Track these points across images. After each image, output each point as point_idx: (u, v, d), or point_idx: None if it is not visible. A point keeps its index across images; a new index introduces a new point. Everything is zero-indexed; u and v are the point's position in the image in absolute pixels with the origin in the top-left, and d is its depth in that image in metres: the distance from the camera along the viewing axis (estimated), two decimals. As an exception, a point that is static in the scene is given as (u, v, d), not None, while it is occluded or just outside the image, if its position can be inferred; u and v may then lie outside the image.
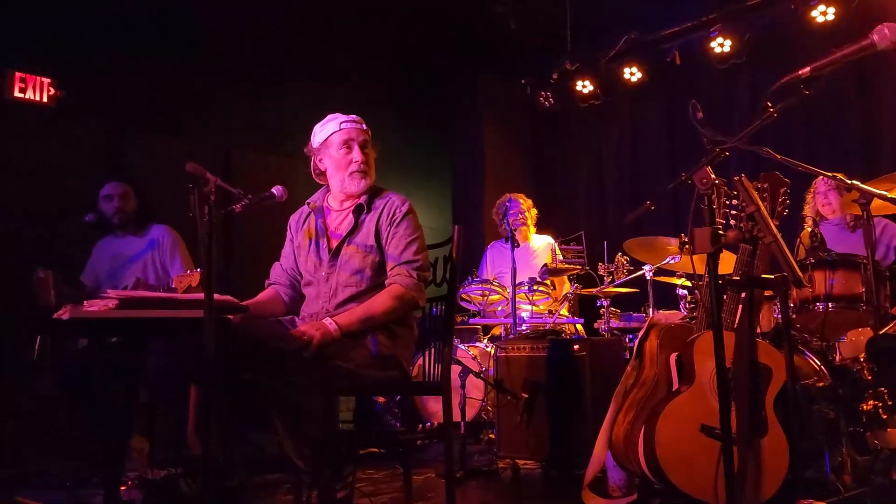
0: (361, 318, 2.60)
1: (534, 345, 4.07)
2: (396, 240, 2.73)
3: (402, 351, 2.75)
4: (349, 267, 2.74)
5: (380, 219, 2.78)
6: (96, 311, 2.16)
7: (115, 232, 3.93)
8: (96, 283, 3.89)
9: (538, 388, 3.96)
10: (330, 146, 2.82)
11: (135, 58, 5.24)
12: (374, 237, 2.75)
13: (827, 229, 4.34)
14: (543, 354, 4.00)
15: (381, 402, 4.89)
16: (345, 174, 2.80)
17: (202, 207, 2.19)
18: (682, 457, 2.60)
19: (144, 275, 3.83)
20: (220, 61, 5.70)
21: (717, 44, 5.82)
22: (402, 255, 2.71)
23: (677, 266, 4.39)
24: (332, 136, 2.83)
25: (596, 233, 5.95)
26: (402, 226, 2.75)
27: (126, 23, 5.19)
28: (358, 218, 2.80)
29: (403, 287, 2.66)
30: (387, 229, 2.76)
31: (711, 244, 1.98)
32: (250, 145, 5.80)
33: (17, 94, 4.79)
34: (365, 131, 2.87)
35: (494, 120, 7.43)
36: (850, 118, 5.55)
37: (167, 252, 3.88)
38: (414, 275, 2.69)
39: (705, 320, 2.86)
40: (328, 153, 2.83)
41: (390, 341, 2.68)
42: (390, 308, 2.64)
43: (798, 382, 3.02)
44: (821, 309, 3.47)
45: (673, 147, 6.50)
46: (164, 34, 5.40)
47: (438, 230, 7.00)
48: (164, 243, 3.89)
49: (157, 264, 3.87)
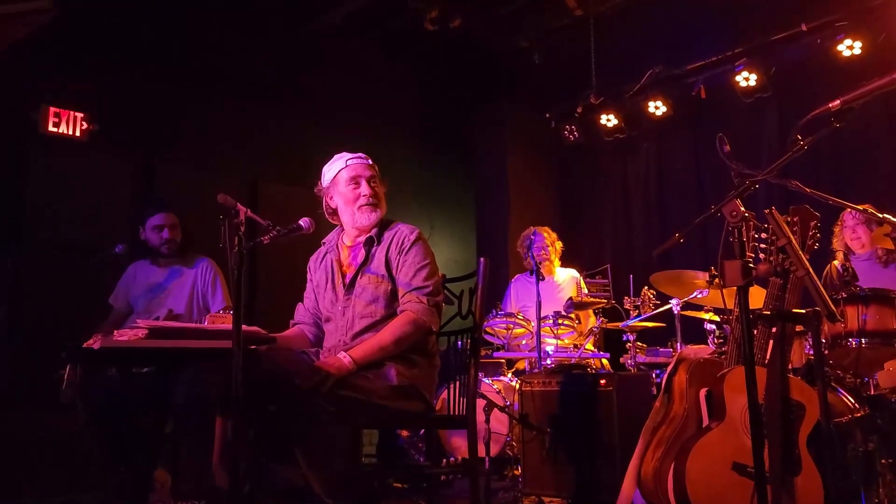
0: (374, 349, 2.62)
1: (559, 379, 4.03)
2: (406, 267, 2.77)
3: (424, 381, 2.75)
4: (364, 298, 2.79)
5: (389, 249, 2.83)
6: (126, 340, 2.18)
7: (157, 260, 3.93)
8: (127, 307, 3.90)
9: (564, 423, 3.91)
10: (338, 183, 2.90)
11: (164, 91, 5.35)
12: (385, 267, 2.80)
13: (857, 264, 4.27)
14: (569, 389, 3.95)
15: (404, 436, 4.85)
16: (354, 208, 2.86)
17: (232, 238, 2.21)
18: (713, 495, 2.54)
19: (179, 307, 3.83)
20: (247, 94, 5.80)
21: (742, 78, 5.81)
22: (413, 282, 2.74)
23: (705, 300, 4.33)
24: (339, 173, 2.90)
25: (622, 266, 5.90)
26: (411, 253, 2.80)
27: (156, 57, 5.32)
28: (369, 250, 2.85)
29: (414, 313, 2.69)
30: (396, 258, 2.80)
31: (742, 277, 1.96)
32: (276, 177, 5.87)
33: (51, 128, 4.89)
34: (371, 166, 2.94)
35: (519, 152, 7.45)
36: (880, 151, 5.50)
37: (209, 285, 3.89)
38: (424, 300, 2.71)
39: (735, 355, 2.81)
40: (337, 190, 2.90)
41: (409, 371, 2.69)
42: (403, 335, 2.66)
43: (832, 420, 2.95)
44: (854, 345, 3.40)
45: (699, 180, 6.46)
46: (193, 68, 5.51)
47: (463, 263, 7.01)
48: (206, 276, 3.90)
49: (198, 296, 3.88)
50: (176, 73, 5.42)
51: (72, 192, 4.87)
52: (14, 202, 4.75)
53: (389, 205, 2.99)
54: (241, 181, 5.74)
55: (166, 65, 5.37)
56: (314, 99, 6.18)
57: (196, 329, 2.49)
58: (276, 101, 5.98)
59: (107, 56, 5.09)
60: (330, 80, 6.26)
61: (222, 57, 5.66)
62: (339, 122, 6.21)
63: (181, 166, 5.45)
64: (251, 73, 5.83)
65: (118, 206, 5.10)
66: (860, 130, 5.39)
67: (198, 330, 2.45)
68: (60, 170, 4.90)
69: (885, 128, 5.47)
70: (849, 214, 4.35)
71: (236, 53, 5.72)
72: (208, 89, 5.58)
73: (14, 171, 4.79)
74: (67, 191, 4.86)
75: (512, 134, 7.45)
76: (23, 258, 4.65)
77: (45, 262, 4.66)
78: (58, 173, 4.88)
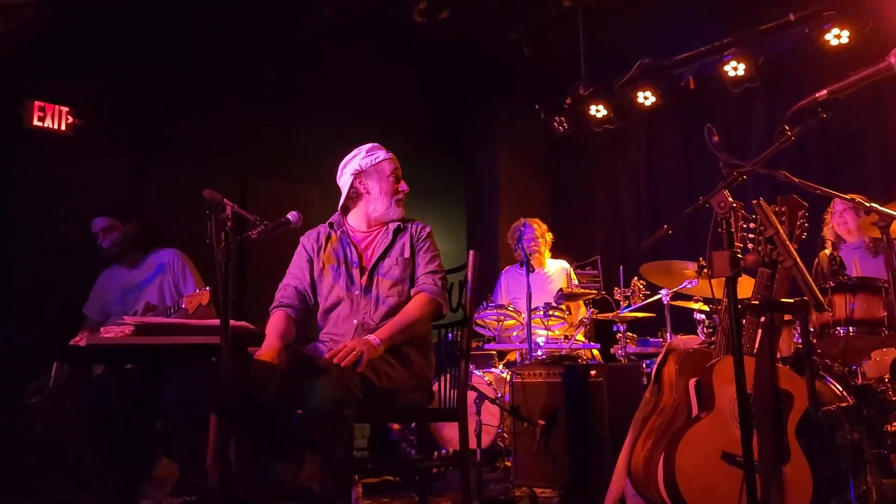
0: (402, 327, 2.76)
1: (550, 370, 4.04)
2: (422, 254, 2.98)
3: (429, 373, 2.90)
4: (389, 278, 2.92)
5: (412, 237, 3.01)
6: (112, 337, 2.17)
7: (123, 262, 3.92)
8: (104, 314, 3.87)
9: (555, 414, 3.92)
10: (381, 172, 3.05)
11: (152, 87, 5.30)
12: (410, 251, 2.98)
13: (847, 253, 4.29)
14: (560, 380, 3.96)
15: (395, 429, 4.86)
16: (392, 200, 3.04)
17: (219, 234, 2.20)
18: (703, 485, 2.56)
19: (154, 299, 3.82)
20: (236, 90, 5.76)
21: (730, 67, 5.81)
22: (428, 266, 2.94)
23: (694, 290, 4.35)
24: (383, 163, 3.07)
25: (612, 257, 5.92)
26: (427, 243, 3.02)
27: (143, 52, 5.27)
28: (395, 237, 3.01)
29: (430, 294, 2.86)
30: (418, 245, 3.00)
31: (730, 268, 1.96)
32: (265, 173, 5.84)
33: (36, 122, 4.85)
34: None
35: (509, 145, 7.44)
36: (868, 141, 5.51)
37: (179, 274, 3.88)
38: (438, 283, 2.90)
39: (724, 345, 2.82)
40: (377, 178, 3.04)
41: (424, 362, 2.85)
42: (425, 314, 2.85)
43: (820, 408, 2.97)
44: (842, 333, 3.42)
45: (689, 171, 6.47)
46: (181, 63, 5.47)
47: (453, 255, 6.99)
48: (174, 266, 3.89)
49: (170, 287, 3.86)
50: (164, 69, 5.37)
51: (58, 188, 4.82)
52: (0, 197, 4.71)
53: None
54: (231, 177, 5.70)
55: (154, 61, 5.32)
56: (304, 95, 6.14)
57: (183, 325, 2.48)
58: (266, 98, 5.93)
59: (93, 51, 5.03)
60: (319, 77, 6.21)
61: (212, 54, 5.60)
62: (328, 118, 6.17)
63: (169, 162, 5.40)
64: (241, 69, 5.78)
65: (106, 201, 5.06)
66: (848, 120, 5.40)
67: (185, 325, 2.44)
68: (46, 165, 4.85)
69: (874, 117, 5.49)
70: (839, 201, 4.36)
71: (226, 50, 5.67)
72: (198, 86, 5.54)
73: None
74: (54, 186, 4.82)
75: (502, 127, 7.44)
76: (9, 254, 4.61)
77: (32, 258, 4.62)
78: (44, 168, 4.84)
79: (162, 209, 5.11)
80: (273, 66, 5.94)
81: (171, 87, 5.40)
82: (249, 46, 5.77)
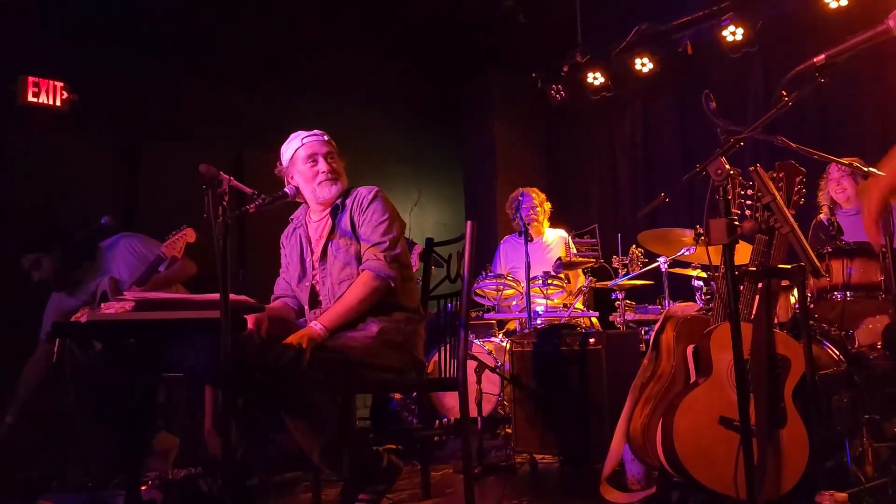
0: (342, 312, 2.68)
1: (549, 339, 4.06)
2: (365, 226, 2.84)
3: (407, 336, 2.81)
4: (338, 263, 2.85)
5: (352, 211, 2.88)
6: (113, 313, 2.18)
7: (63, 289, 3.79)
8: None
9: (554, 382, 3.95)
10: (297, 162, 2.94)
11: (146, 61, 5.26)
12: (351, 229, 2.86)
13: (844, 218, 4.29)
14: (559, 348, 3.99)
15: (397, 398, 4.90)
16: (314, 185, 2.91)
17: (216, 209, 2.20)
18: (700, 449, 2.59)
19: (116, 271, 3.71)
20: (230, 63, 5.72)
21: (729, 32, 5.76)
22: (371, 238, 2.81)
23: (692, 257, 4.36)
24: (296, 152, 2.94)
25: (610, 225, 5.92)
26: (369, 211, 2.85)
27: (137, 26, 5.22)
28: (335, 218, 2.91)
29: (374, 271, 2.74)
30: (358, 218, 2.86)
31: (727, 235, 1.97)
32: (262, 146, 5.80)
33: (30, 98, 4.82)
34: (328, 142, 2.96)
35: (505, 114, 7.41)
36: (866, 105, 5.49)
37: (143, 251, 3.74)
38: (381, 256, 2.76)
39: (722, 312, 2.84)
40: (296, 169, 2.94)
41: (391, 325, 2.75)
42: (365, 294, 2.71)
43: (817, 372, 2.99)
44: (839, 298, 3.43)
45: (686, 138, 6.45)
46: (174, 37, 5.42)
47: (451, 226, 7.01)
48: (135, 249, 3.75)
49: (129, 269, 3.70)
50: (157, 43, 5.32)
51: (54, 164, 4.81)
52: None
53: (377, 171, 3.01)
54: (227, 151, 5.68)
55: (147, 35, 5.27)
56: (298, 70, 6.10)
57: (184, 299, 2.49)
58: (261, 73, 5.90)
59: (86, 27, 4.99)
60: (314, 51, 6.16)
61: (205, 29, 5.55)
62: (323, 92, 6.14)
63: (165, 138, 5.38)
64: (235, 44, 5.73)
65: (102, 178, 5.05)
66: (846, 85, 5.37)
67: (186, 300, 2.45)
68: (41, 141, 4.83)
69: (872, 81, 5.45)
70: (834, 167, 4.35)
71: (219, 25, 5.62)
72: (192, 60, 5.49)
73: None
74: (49, 163, 4.80)
75: (497, 96, 7.40)
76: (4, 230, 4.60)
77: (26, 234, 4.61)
78: (39, 145, 4.82)
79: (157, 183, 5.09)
80: (269, 39, 5.89)
81: (164, 60, 5.36)
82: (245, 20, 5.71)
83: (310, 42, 6.12)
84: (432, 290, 3.16)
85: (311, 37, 6.12)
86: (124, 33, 5.16)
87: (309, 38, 6.11)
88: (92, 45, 5.01)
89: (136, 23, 5.22)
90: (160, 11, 5.30)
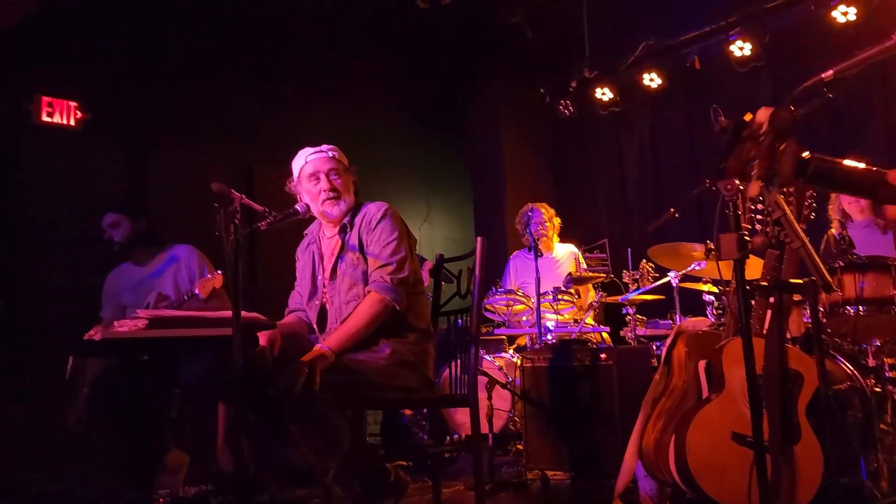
0: (347, 336, 2.65)
1: (560, 354, 4.05)
2: (372, 245, 2.81)
3: (419, 356, 2.80)
4: (346, 283, 2.83)
5: (360, 230, 2.86)
6: (126, 331, 2.20)
7: (132, 259, 3.97)
8: (119, 311, 3.91)
9: (566, 397, 3.94)
10: (302, 181, 2.93)
11: (156, 76, 5.31)
12: (359, 248, 2.84)
13: (855, 232, 4.27)
14: (570, 364, 3.98)
15: (407, 414, 4.89)
16: (318, 203, 2.89)
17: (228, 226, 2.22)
18: (713, 465, 2.57)
19: (167, 290, 3.86)
20: (239, 77, 5.76)
21: (736, 47, 5.77)
22: (378, 259, 2.78)
23: (703, 272, 4.34)
24: (301, 170, 2.94)
25: (619, 240, 5.91)
26: (377, 230, 2.82)
27: (146, 42, 5.27)
28: (343, 238, 2.90)
29: (379, 293, 2.72)
30: (366, 237, 2.84)
31: (738, 250, 1.96)
32: (271, 160, 5.85)
33: (45, 118, 4.87)
34: (331, 159, 2.92)
35: (514, 129, 7.43)
36: (875, 118, 5.47)
37: (194, 263, 3.90)
38: (387, 279, 2.74)
39: (733, 327, 2.83)
40: (303, 187, 2.94)
41: (403, 346, 2.74)
42: (370, 317, 2.69)
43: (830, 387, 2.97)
44: (851, 312, 3.41)
45: (695, 152, 6.45)
46: (184, 52, 5.47)
47: (461, 241, 7.01)
48: (189, 260, 3.91)
49: (184, 279, 3.89)
50: (167, 59, 5.37)
51: (67, 182, 4.85)
52: (10, 193, 4.74)
53: (387, 186, 3.01)
54: (237, 165, 5.72)
55: (157, 51, 5.32)
56: (307, 82, 6.15)
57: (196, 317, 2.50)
58: (270, 85, 5.94)
59: (97, 44, 5.04)
60: (322, 63, 6.22)
61: (214, 41, 5.61)
62: (332, 103, 6.18)
63: (175, 152, 5.42)
64: (243, 56, 5.78)
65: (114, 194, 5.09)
66: (855, 97, 5.36)
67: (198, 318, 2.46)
68: (56, 160, 4.88)
69: (881, 92, 5.44)
70: (846, 179, 4.32)
71: (228, 37, 5.67)
72: (200, 74, 5.54)
73: (9, 162, 4.77)
74: (63, 180, 4.85)
75: (506, 111, 7.42)
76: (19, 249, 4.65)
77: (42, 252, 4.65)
78: (53, 163, 4.87)
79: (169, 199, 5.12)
80: (277, 52, 5.94)
81: (174, 75, 5.41)
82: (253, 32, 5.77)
83: (318, 55, 6.18)
84: (443, 305, 3.17)
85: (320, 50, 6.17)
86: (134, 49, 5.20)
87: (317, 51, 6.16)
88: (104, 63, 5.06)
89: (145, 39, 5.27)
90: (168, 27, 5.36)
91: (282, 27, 5.90)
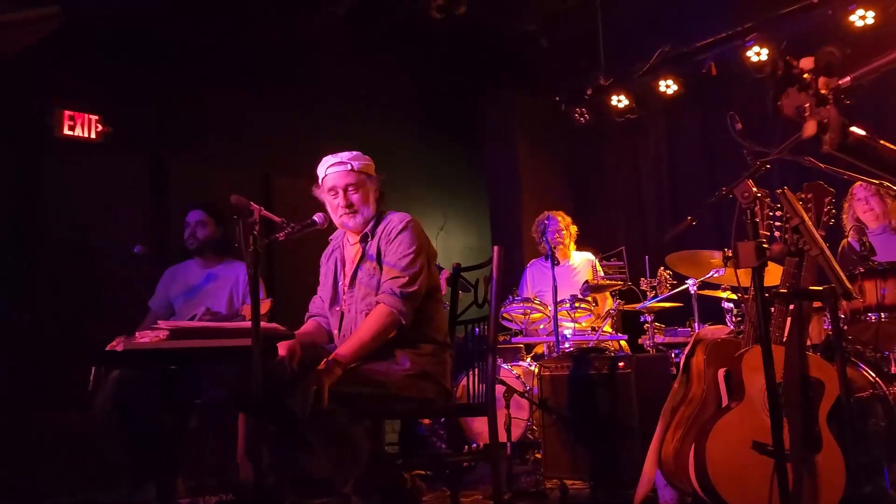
0: (355, 348, 2.66)
1: (578, 362, 4.04)
2: (388, 257, 2.83)
3: (436, 367, 2.81)
4: (362, 292, 2.86)
5: (380, 240, 2.88)
6: (148, 342, 2.22)
7: (195, 257, 4.08)
8: (167, 308, 4.01)
9: (584, 406, 3.92)
10: (323, 191, 2.97)
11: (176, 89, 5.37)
12: (377, 259, 2.85)
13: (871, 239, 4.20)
14: (588, 372, 3.96)
15: (425, 423, 4.89)
16: (337, 217, 2.92)
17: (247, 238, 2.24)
18: (734, 474, 2.55)
19: (218, 306, 3.91)
20: (257, 89, 5.82)
21: (753, 53, 5.74)
22: (392, 270, 2.79)
23: (721, 279, 4.32)
24: (322, 181, 2.97)
25: (637, 247, 5.89)
26: (396, 242, 2.84)
27: (166, 55, 5.33)
28: (364, 247, 2.92)
29: (388, 306, 2.72)
30: (385, 247, 2.85)
31: (756, 258, 1.96)
32: (289, 170, 5.90)
33: (66, 131, 4.93)
34: (349, 173, 2.91)
35: (529, 137, 7.42)
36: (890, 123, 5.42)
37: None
38: (397, 292, 2.73)
39: (753, 334, 2.81)
40: (324, 198, 2.98)
41: (421, 358, 2.76)
42: (377, 330, 2.70)
43: (852, 395, 2.94)
44: (873, 319, 3.38)
45: (712, 159, 6.41)
46: (203, 65, 5.53)
47: (478, 249, 7.02)
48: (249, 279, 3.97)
49: (239, 297, 3.97)
50: (186, 70, 5.43)
51: (88, 195, 4.90)
52: (32, 207, 4.80)
53: (403, 196, 3.03)
54: (256, 177, 5.77)
55: (177, 64, 5.39)
56: (324, 92, 6.19)
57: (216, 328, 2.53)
58: (287, 95, 5.99)
59: (117, 57, 5.11)
60: (338, 73, 6.26)
61: (231, 52, 5.66)
62: (348, 114, 6.22)
63: (195, 163, 5.47)
64: (261, 68, 5.83)
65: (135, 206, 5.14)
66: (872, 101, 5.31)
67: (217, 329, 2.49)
68: (77, 173, 4.93)
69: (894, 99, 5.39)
70: (859, 187, 4.27)
71: (245, 48, 5.73)
72: (219, 87, 5.60)
73: (31, 175, 4.83)
74: (84, 193, 4.90)
75: (521, 119, 7.41)
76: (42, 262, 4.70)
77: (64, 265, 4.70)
78: (74, 176, 4.92)
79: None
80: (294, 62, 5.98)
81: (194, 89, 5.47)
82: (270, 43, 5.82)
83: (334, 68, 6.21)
84: (460, 314, 3.17)
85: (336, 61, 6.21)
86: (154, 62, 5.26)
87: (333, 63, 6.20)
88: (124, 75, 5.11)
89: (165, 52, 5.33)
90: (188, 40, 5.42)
91: (299, 39, 5.95)
